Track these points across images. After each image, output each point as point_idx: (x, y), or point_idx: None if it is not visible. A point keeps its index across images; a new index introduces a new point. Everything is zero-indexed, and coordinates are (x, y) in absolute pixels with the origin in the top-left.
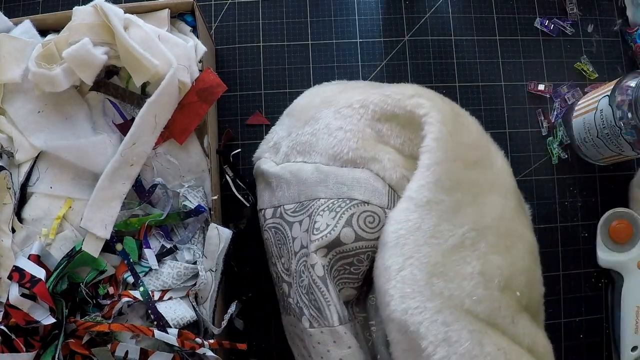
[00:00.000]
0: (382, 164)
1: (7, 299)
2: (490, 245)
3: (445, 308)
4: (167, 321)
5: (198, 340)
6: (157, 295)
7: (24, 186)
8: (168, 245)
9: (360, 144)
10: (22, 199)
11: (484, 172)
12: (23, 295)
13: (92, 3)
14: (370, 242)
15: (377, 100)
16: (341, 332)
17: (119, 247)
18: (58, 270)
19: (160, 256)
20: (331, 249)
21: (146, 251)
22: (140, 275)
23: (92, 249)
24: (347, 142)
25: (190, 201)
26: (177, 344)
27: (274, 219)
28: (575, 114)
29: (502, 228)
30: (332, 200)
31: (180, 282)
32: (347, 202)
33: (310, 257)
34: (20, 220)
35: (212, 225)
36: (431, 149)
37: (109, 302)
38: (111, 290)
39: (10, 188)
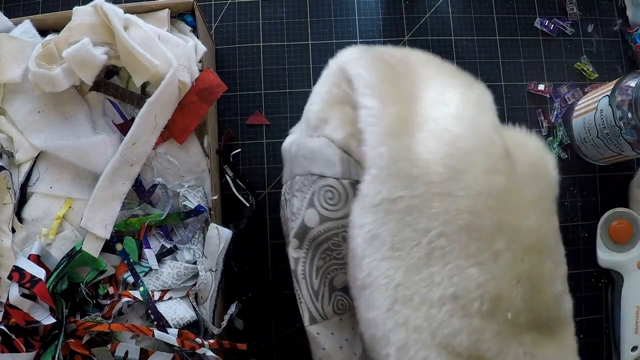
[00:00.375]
0: (332, 124)
1: (7, 299)
2: (468, 255)
3: (410, 343)
4: (167, 321)
5: (198, 340)
6: (157, 295)
7: (24, 186)
8: (168, 245)
9: (321, 106)
10: (22, 199)
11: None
12: (23, 295)
13: (92, 3)
14: (337, 221)
15: (348, 54)
16: (313, 332)
17: (119, 247)
18: (58, 270)
19: (160, 256)
20: (302, 238)
21: (146, 251)
22: (140, 275)
23: (92, 249)
24: (313, 106)
25: (190, 201)
26: (177, 344)
27: (282, 198)
28: (575, 114)
29: (486, 224)
30: (301, 178)
31: (180, 282)
32: (309, 178)
33: (289, 245)
34: (20, 220)
35: (212, 225)
36: (372, 108)
37: (109, 302)
38: (111, 290)
39: (10, 188)
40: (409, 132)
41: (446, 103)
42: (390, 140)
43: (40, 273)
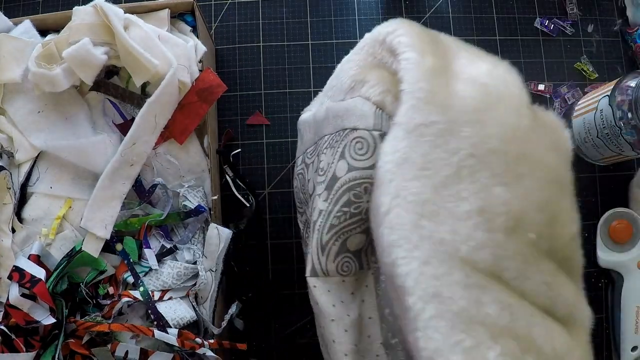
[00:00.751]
0: (370, 83)
1: (7, 299)
2: (495, 175)
3: (434, 257)
4: (167, 321)
5: (198, 340)
6: (157, 295)
7: (24, 186)
8: (168, 245)
9: (357, 70)
10: (22, 199)
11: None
12: (23, 295)
13: (92, 3)
14: (362, 171)
15: (387, 26)
16: (310, 284)
17: (119, 247)
18: (58, 270)
19: (160, 256)
20: (330, 189)
21: (146, 251)
22: (140, 275)
23: (92, 249)
24: (348, 72)
25: (190, 201)
26: (177, 344)
27: (301, 166)
28: (575, 114)
29: (512, 151)
30: (332, 136)
31: (180, 282)
32: (341, 133)
33: (314, 200)
34: (20, 220)
35: (212, 225)
36: (411, 58)
37: (109, 302)
38: (111, 290)
39: (10, 188)
40: (446, 76)
41: (478, 65)
42: (430, 77)
43: (40, 273)
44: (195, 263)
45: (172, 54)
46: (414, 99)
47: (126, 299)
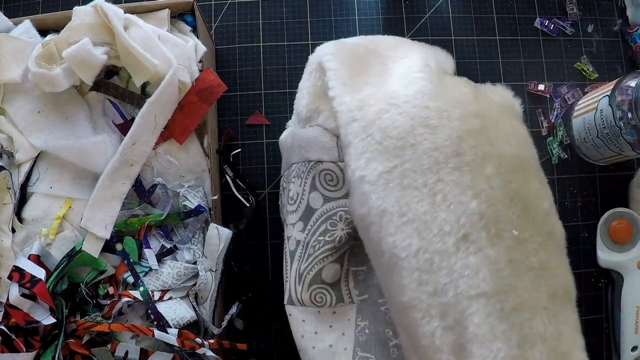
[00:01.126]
0: (325, 114)
1: (7, 299)
2: (465, 188)
3: (442, 308)
4: (167, 321)
5: (198, 340)
6: (157, 295)
7: (24, 186)
8: (168, 245)
9: (310, 99)
10: (22, 199)
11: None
12: (23, 295)
13: (92, 3)
14: (337, 201)
15: (323, 50)
16: (287, 311)
17: (119, 247)
18: (58, 270)
19: (160, 256)
20: (307, 220)
21: (146, 251)
22: (140, 275)
23: (92, 249)
24: (302, 100)
25: (190, 201)
26: (177, 344)
27: (281, 187)
28: (575, 114)
29: (472, 160)
30: (298, 165)
31: (180, 282)
32: (307, 164)
33: (288, 228)
34: (20, 220)
35: (212, 225)
36: (344, 99)
37: (109, 302)
38: (111, 290)
39: (10, 188)
40: (382, 114)
41: (413, 74)
42: (373, 129)
43: (40, 273)
44: (195, 263)
45: (172, 54)
46: (368, 151)
47: (126, 299)
